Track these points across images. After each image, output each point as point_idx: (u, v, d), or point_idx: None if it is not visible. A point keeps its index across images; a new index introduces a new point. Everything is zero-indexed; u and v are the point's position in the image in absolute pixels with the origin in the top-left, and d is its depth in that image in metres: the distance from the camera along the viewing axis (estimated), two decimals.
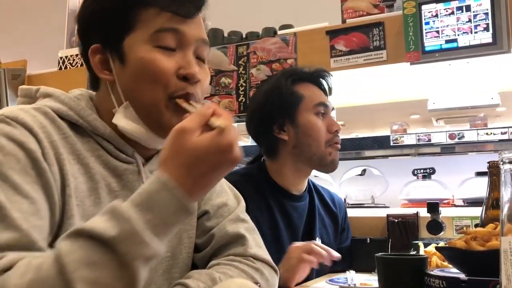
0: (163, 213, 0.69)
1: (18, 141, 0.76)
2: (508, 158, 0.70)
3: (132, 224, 0.67)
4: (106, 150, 0.89)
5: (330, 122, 1.57)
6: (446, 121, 2.50)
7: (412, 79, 2.20)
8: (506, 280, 0.67)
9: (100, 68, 0.90)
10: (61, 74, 2.63)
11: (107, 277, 0.65)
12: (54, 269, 0.64)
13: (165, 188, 0.70)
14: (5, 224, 0.68)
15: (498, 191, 1.04)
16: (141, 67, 0.86)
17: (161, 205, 0.69)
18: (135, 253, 0.66)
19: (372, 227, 1.87)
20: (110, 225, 0.66)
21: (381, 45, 2.00)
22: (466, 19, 1.83)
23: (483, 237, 0.93)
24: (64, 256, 0.65)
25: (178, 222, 0.72)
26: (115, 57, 0.89)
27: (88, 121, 0.88)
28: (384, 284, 1.04)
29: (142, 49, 0.86)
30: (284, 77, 1.59)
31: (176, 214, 0.70)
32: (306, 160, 1.55)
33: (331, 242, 1.64)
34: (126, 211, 0.67)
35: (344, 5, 2.16)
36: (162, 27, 0.86)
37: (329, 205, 1.70)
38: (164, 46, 0.86)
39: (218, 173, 0.74)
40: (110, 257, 0.65)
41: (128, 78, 0.88)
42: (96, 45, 0.90)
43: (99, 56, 0.90)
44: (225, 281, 0.85)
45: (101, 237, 0.65)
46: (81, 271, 0.64)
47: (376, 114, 2.67)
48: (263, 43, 2.25)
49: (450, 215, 1.80)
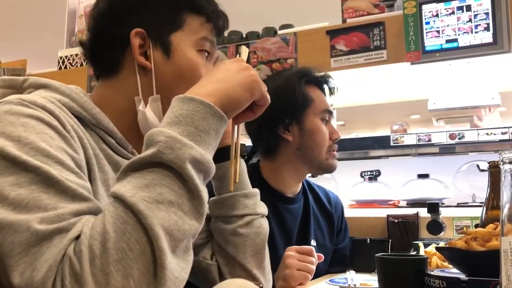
0: (192, 121, 0.71)
1: (46, 121, 0.74)
2: (508, 158, 0.69)
3: (166, 136, 0.68)
4: (108, 144, 0.88)
5: (332, 129, 1.58)
6: (446, 121, 2.50)
7: (412, 79, 2.20)
8: (506, 281, 0.67)
9: (138, 52, 0.90)
10: (61, 74, 2.63)
11: (167, 192, 0.65)
12: (113, 204, 0.65)
13: (184, 100, 0.73)
14: (69, 195, 0.67)
15: (498, 191, 1.04)
16: (187, 68, 0.90)
17: (187, 116, 0.71)
18: (182, 156, 0.66)
19: (372, 227, 1.87)
20: (147, 150, 0.68)
21: (381, 45, 2.00)
22: (467, 19, 1.83)
23: (483, 237, 0.92)
24: (116, 191, 0.65)
25: (213, 128, 0.73)
26: (159, 48, 0.90)
27: (93, 114, 0.86)
28: (384, 285, 1.04)
29: (190, 51, 0.91)
30: (297, 76, 1.57)
31: (205, 118, 0.72)
32: (307, 163, 1.55)
33: (326, 243, 1.63)
34: (156, 132, 0.69)
35: (345, 5, 2.16)
36: (206, 37, 0.93)
37: (324, 205, 1.68)
38: (207, 51, 0.93)
39: (238, 81, 0.79)
40: (160, 172, 0.66)
41: (169, 72, 0.90)
42: (141, 30, 0.89)
43: (139, 41, 0.89)
44: (225, 281, 0.85)
45: (143, 159, 0.67)
46: (140, 194, 0.64)
47: (376, 114, 2.66)
48: (263, 43, 2.25)
49: (450, 215, 1.80)
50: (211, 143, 0.73)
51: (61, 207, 0.65)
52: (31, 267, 0.60)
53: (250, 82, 0.80)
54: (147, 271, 0.61)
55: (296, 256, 1.33)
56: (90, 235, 0.62)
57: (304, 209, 1.61)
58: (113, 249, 0.61)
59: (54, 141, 0.72)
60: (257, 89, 0.81)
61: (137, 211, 0.62)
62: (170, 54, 0.89)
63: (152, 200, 0.64)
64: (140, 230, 0.62)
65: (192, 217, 0.67)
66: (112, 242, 0.61)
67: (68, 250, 0.62)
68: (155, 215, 0.63)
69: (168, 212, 0.64)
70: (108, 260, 0.60)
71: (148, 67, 0.89)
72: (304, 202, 1.62)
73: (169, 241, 0.63)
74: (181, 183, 0.66)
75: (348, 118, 2.58)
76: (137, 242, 0.61)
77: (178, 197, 0.66)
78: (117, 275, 0.60)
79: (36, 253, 0.61)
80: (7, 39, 5.17)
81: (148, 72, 0.89)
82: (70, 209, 0.66)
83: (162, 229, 0.62)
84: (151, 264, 0.61)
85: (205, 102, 0.73)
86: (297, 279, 1.30)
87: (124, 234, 0.62)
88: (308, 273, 1.32)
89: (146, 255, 0.61)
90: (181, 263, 0.65)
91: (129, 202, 0.63)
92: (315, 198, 1.67)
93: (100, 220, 0.64)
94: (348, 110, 2.53)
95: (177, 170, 0.66)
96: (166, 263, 0.61)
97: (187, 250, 0.67)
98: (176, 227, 0.64)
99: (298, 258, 1.33)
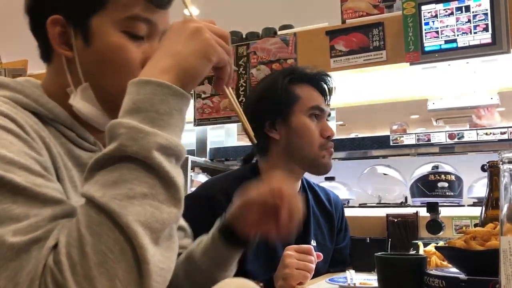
0: (152, 106, 0.66)
1: (2, 126, 0.69)
2: (508, 158, 0.70)
3: (126, 127, 0.64)
4: (69, 138, 0.83)
5: (324, 127, 1.53)
6: (446, 121, 2.51)
7: (411, 79, 2.20)
8: (505, 280, 0.67)
9: (58, 41, 0.82)
10: None
11: (137, 186, 0.62)
12: (85, 208, 0.62)
13: (140, 84, 0.68)
14: (40, 201, 0.64)
15: (497, 191, 1.05)
16: (108, 52, 0.81)
17: (145, 101, 0.67)
18: (146, 145, 0.63)
19: (372, 227, 1.87)
20: (110, 144, 0.65)
21: (380, 45, 2.01)
22: (466, 20, 1.84)
23: (482, 237, 0.93)
24: (86, 192, 0.63)
25: (175, 109, 0.68)
26: (79, 34, 0.82)
27: (49, 109, 0.81)
28: (384, 284, 1.04)
29: (112, 33, 0.81)
30: (282, 75, 1.58)
31: (164, 100, 0.67)
32: (298, 161, 1.53)
33: (326, 243, 1.63)
34: (116, 124, 0.65)
35: (344, 6, 2.16)
36: (137, 15, 0.81)
37: (324, 205, 1.68)
38: (135, 34, 0.82)
39: (190, 50, 0.72)
40: (127, 166, 0.63)
41: (92, 60, 0.82)
42: (57, 16, 0.81)
43: (58, 29, 0.82)
44: (224, 281, 0.85)
45: (108, 155, 0.64)
46: (109, 192, 0.61)
47: (376, 114, 2.67)
48: (263, 43, 2.26)
49: (450, 214, 1.81)
50: (176, 124, 0.69)
51: (34, 214, 0.62)
52: (12, 282, 0.59)
53: (203, 48, 0.72)
54: (131, 269, 0.60)
55: (295, 255, 1.33)
56: (66, 242, 0.60)
57: (303, 209, 1.61)
58: (93, 253, 0.59)
59: (15, 146, 0.68)
60: (213, 53, 0.73)
61: (110, 211, 0.60)
62: (89, 39, 0.81)
63: (123, 197, 0.61)
64: (117, 230, 0.60)
65: (170, 205, 0.64)
66: (90, 246, 0.59)
67: (48, 261, 0.60)
68: (129, 211, 0.61)
69: (143, 205, 0.62)
70: (89, 265, 0.59)
71: (69, 56, 0.82)
72: (304, 202, 1.62)
73: (149, 234, 0.61)
74: (151, 173, 0.63)
75: (347, 118, 2.58)
76: (115, 242, 0.60)
77: (151, 187, 0.63)
78: (101, 278, 0.58)
79: (16, 267, 0.59)
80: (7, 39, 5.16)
81: (73, 61, 0.83)
82: (44, 215, 0.63)
83: (139, 224, 0.61)
84: (134, 261, 0.60)
85: (162, 82, 0.68)
86: (296, 278, 1.30)
87: (101, 236, 0.60)
88: (307, 272, 1.32)
89: (127, 253, 0.60)
90: (166, 252, 0.64)
91: (100, 203, 0.61)
92: (315, 197, 1.67)
93: (75, 225, 0.61)
94: (348, 110, 2.53)
95: (144, 160, 0.63)
96: (149, 258, 0.60)
97: (170, 237, 0.65)
98: (153, 218, 0.62)
99: (297, 257, 1.33)
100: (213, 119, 2.41)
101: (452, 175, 2.27)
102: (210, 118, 2.41)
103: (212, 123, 2.44)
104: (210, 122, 2.43)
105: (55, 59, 0.86)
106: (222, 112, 2.38)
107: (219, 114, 2.38)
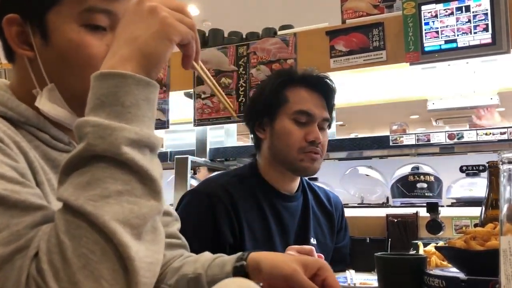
0: (117, 99, 0.64)
1: None
2: (507, 158, 0.70)
3: (92, 125, 0.63)
4: (42, 140, 0.81)
5: (310, 131, 1.49)
6: (446, 121, 2.51)
7: (411, 79, 2.21)
8: (505, 280, 0.67)
9: (17, 41, 0.79)
10: None
11: (111, 184, 0.61)
12: (61, 212, 0.61)
13: (101, 77, 0.65)
14: (19, 209, 0.63)
15: (497, 191, 1.05)
16: (69, 49, 0.78)
17: (109, 94, 0.64)
18: (115, 142, 0.61)
19: (372, 227, 1.87)
20: (79, 144, 0.63)
21: (380, 46, 2.01)
22: (466, 20, 1.84)
23: (482, 237, 0.93)
24: (60, 196, 0.62)
25: (141, 99, 0.66)
26: (37, 32, 0.79)
27: (19, 112, 0.79)
28: (384, 284, 1.04)
29: (70, 29, 0.78)
30: (274, 77, 1.59)
31: (129, 92, 0.65)
32: (280, 163, 1.54)
33: (327, 242, 1.64)
34: (82, 123, 0.64)
35: (344, 6, 2.17)
36: (94, 7, 0.78)
37: (324, 205, 1.69)
38: (95, 26, 0.78)
39: (148, 33, 0.68)
40: (97, 165, 0.61)
41: (53, 59, 0.79)
42: (13, 15, 0.78)
43: (15, 28, 0.79)
44: (224, 280, 0.84)
45: (77, 156, 0.62)
46: (83, 194, 0.60)
47: (375, 114, 2.67)
48: (263, 44, 2.26)
49: (450, 215, 1.81)
50: (145, 114, 0.66)
51: (14, 223, 0.61)
52: None
53: (162, 29, 0.68)
54: (116, 267, 0.59)
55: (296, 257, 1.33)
56: (47, 249, 0.59)
57: (303, 207, 1.61)
58: (74, 257, 0.58)
59: None
60: (173, 31, 0.69)
61: (86, 213, 0.59)
62: (48, 37, 0.78)
63: (98, 198, 0.60)
64: (95, 231, 0.59)
65: (149, 198, 0.63)
66: (71, 250, 0.58)
67: (31, 270, 0.59)
68: (105, 211, 0.60)
69: (120, 203, 0.61)
70: (72, 270, 0.58)
71: (31, 56, 0.80)
72: (304, 201, 1.63)
73: (129, 231, 0.60)
74: (124, 169, 0.62)
75: (347, 118, 2.58)
76: (96, 244, 0.59)
77: (125, 184, 0.62)
78: (87, 281, 0.58)
79: (2, 279, 0.59)
80: None
81: (35, 61, 0.80)
82: (25, 223, 0.62)
83: (117, 223, 0.60)
84: (117, 259, 0.59)
85: (124, 73, 0.65)
86: None
87: (80, 239, 0.59)
88: None
89: (109, 253, 0.59)
90: (151, 246, 0.63)
91: (75, 206, 0.60)
92: (315, 197, 1.68)
93: (54, 231, 0.60)
94: (348, 110, 2.53)
95: (115, 157, 0.61)
96: (133, 254, 0.59)
97: (154, 230, 0.64)
98: (133, 215, 0.61)
99: None
100: (213, 119, 2.41)
101: (431, 176, 2.29)
102: (210, 118, 2.41)
103: (212, 123, 2.44)
104: (210, 122, 2.43)
105: (18, 59, 0.83)
106: (222, 112, 2.38)
107: (219, 114, 2.39)
